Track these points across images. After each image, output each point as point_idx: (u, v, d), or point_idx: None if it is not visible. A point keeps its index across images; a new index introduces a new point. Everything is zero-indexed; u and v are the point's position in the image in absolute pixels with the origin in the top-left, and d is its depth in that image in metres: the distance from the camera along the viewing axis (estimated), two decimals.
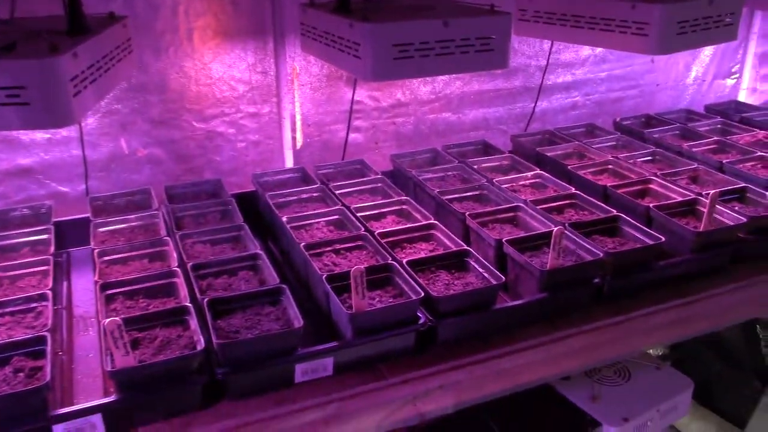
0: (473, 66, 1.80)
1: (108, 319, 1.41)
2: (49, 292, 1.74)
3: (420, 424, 1.82)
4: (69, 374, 1.68)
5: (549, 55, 3.02)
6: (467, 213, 2.13)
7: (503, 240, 1.95)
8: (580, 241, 1.94)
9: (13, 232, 2.08)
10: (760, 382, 3.10)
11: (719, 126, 3.02)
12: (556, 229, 1.80)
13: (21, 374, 1.47)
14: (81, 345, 1.80)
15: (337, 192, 2.33)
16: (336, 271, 1.83)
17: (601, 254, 1.87)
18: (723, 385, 3.16)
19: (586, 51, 3.18)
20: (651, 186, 2.38)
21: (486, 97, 3.05)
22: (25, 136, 2.35)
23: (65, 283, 2.08)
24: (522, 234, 2.05)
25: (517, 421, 2.14)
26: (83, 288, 2.06)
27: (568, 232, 1.97)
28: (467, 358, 1.75)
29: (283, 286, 1.74)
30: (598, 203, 2.22)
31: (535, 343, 1.82)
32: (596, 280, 1.91)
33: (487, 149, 2.81)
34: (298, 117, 2.69)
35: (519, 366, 1.81)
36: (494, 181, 2.39)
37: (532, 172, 2.49)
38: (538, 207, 2.17)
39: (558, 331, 1.85)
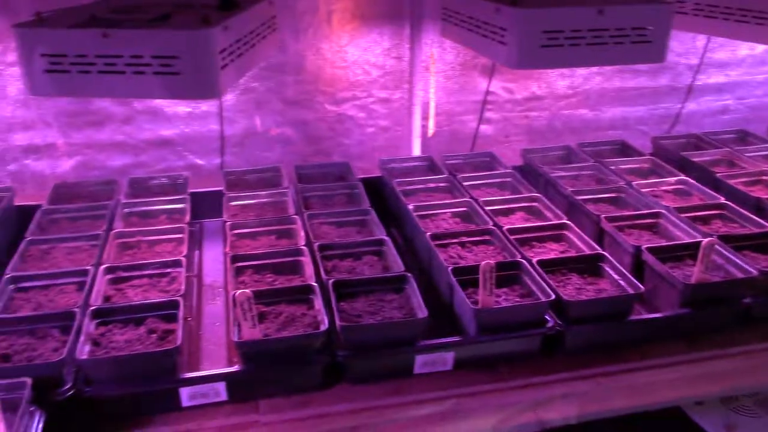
0: (627, 58, 1.68)
1: (239, 291, 1.43)
2: (184, 259, 1.80)
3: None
4: (197, 340, 1.73)
5: (703, 54, 2.81)
6: (603, 215, 2.01)
7: (642, 247, 1.82)
8: (730, 256, 1.78)
9: (153, 199, 2.17)
10: None
11: None
12: (706, 240, 1.65)
13: (154, 335, 1.53)
14: (209, 313, 1.86)
15: (464, 184, 2.27)
16: (461, 264, 1.78)
17: (755, 272, 1.70)
18: None
19: (743, 50, 2.93)
20: None
21: (627, 95, 2.89)
22: (169, 108, 2.46)
23: (197, 252, 2.16)
24: (663, 242, 1.91)
25: None
26: (213, 258, 2.12)
27: (716, 245, 1.81)
28: (596, 368, 1.64)
29: (408, 274, 1.71)
30: (751, 216, 2.03)
31: (671, 362, 1.69)
32: (746, 300, 1.74)
33: (625, 150, 2.65)
34: (432, 104, 2.65)
35: (651, 383, 1.68)
36: (633, 184, 2.25)
37: (675, 178, 2.32)
38: (682, 215, 2.01)
39: (697, 352, 1.71)
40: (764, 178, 2.35)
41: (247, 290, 1.44)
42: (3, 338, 1.51)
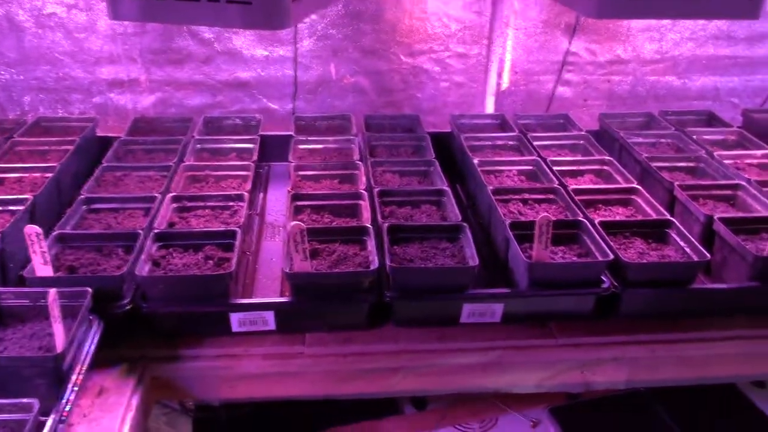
0: (715, 11, 1.57)
1: (293, 223, 1.45)
2: (246, 194, 1.85)
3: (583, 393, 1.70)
4: (252, 273, 1.78)
5: None
6: (677, 183, 1.91)
7: (715, 216, 1.73)
8: None
9: (223, 137, 2.23)
10: None
11: None
12: None
13: (211, 261, 1.58)
14: (267, 248, 1.90)
15: (535, 143, 2.21)
16: (521, 220, 1.74)
17: None
18: None
19: None
20: None
21: (720, 64, 2.72)
22: (247, 51, 2.50)
23: (262, 193, 2.21)
24: (739, 214, 1.81)
25: (693, 415, 1.93)
26: (277, 199, 2.17)
27: None
28: (650, 335, 1.59)
29: (464, 224, 1.69)
30: None
31: (732, 336, 1.62)
32: None
33: (711, 121, 2.50)
34: (508, 56, 2.58)
35: (708, 357, 1.62)
36: (715, 154, 2.13)
37: (762, 151, 2.18)
38: (764, 189, 1.89)
39: (762, 329, 1.62)
40: None
41: (300, 223, 1.46)
42: (71, 252, 1.60)
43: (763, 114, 2.54)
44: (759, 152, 2.19)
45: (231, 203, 1.84)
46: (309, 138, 2.23)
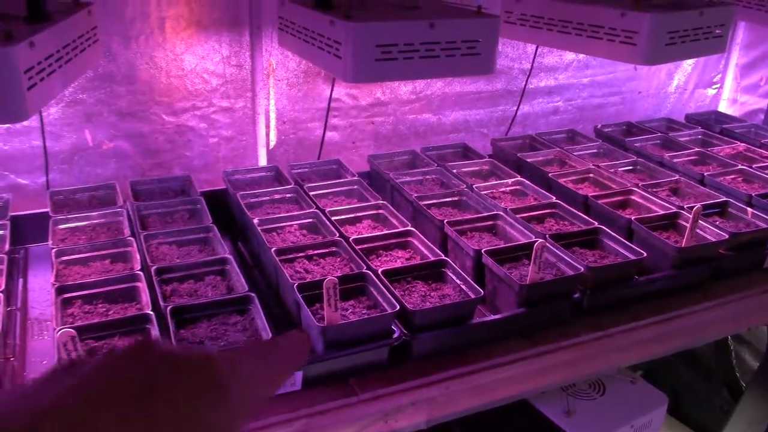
0: (458, 70, 1.73)
1: (60, 331, 1.31)
2: (1, 295, 1.64)
3: None
4: (20, 382, 1.58)
5: (534, 59, 2.97)
6: (446, 221, 2.06)
7: (482, 251, 1.88)
8: (561, 254, 1.89)
9: None
10: (730, 393, 3.11)
11: (700, 137, 3.00)
12: (537, 242, 1.74)
13: None
14: (35, 350, 1.70)
15: (311, 193, 2.25)
16: (308, 279, 1.75)
17: (583, 268, 1.82)
18: (693, 397, 3.15)
19: (569, 55, 3.13)
20: (632, 197, 2.34)
21: (467, 99, 2.99)
22: None
23: (21, 282, 1.97)
24: (501, 244, 1.99)
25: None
26: (40, 288, 1.95)
27: (548, 244, 1.92)
28: (442, 373, 1.68)
29: (252, 294, 1.66)
30: (579, 214, 2.17)
31: (512, 359, 1.76)
32: (576, 295, 1.86)
33: (466, 152, 2.74)
34: (272, 115, 2.60)
35: (495, 382, 1.75)
36: (474, 187, 2.33)
37: (512, 179, 2.43)
38: (518, 216, 2.11)
39: (536, 347, 1.79)
40: (591, 176, 2.53)
41: (69, 328, 1.32)
42: None
43: (508, 142, 2.84)
44: (510, 180, 2.43)
45: None
46: (69, 215, 2.04)
